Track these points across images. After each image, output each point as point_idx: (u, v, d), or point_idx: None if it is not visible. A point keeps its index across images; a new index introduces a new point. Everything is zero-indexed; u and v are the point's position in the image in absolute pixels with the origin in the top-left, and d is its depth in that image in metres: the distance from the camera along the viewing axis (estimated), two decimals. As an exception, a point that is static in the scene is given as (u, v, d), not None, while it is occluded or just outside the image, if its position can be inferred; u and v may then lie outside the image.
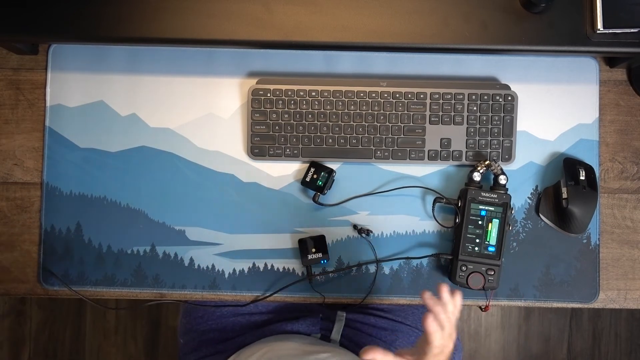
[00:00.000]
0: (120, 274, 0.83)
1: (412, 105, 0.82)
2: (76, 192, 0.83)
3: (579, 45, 0.74)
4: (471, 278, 0.78)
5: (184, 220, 0.83)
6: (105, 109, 0.84)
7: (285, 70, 0.84)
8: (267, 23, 0.74)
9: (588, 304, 0.83)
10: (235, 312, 0.90)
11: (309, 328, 0.89)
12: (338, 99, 0.82)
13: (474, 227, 0.79)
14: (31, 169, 0.84)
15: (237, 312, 0.90)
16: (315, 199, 0.82)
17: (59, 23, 0.74)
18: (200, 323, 0.91)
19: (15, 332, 1.66)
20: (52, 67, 0.84)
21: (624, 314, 1.69)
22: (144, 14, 0.74)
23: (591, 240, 0.83)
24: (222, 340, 0.90)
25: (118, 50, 0.84)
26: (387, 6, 0.74)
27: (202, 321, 0.91)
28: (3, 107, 0.84)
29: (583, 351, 1.69)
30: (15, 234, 0.84)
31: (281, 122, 0.82)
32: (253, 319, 0.91)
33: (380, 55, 0.84)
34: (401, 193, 0.83)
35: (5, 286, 0.84)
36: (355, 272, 0.83)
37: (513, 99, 0.82)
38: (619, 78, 0.85)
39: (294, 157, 0.83)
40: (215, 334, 0.90)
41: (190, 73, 0.84)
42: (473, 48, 0.75)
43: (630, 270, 0.84)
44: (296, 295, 0.83)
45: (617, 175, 0.84)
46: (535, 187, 0.84)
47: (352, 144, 0.82)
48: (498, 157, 0.82)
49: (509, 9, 0.74)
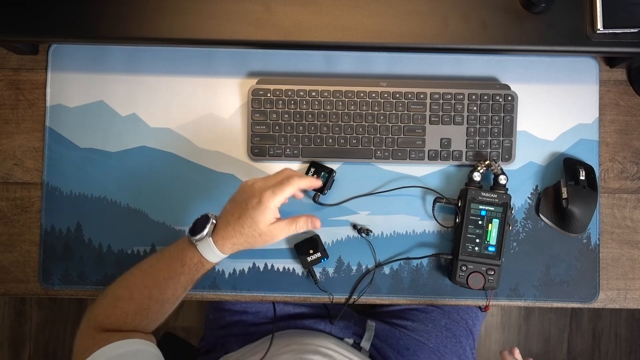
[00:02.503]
0: (120, 274, 0.83)
1: (412, 105, 0.82)
2: (76, 192, 0.83)
3: (579, 45, 0.74)
4: (471, 278, 0.78)
5: (184, 220, 0.83)
6: (105, 109, 0.84)
7: (285, 70, 0.84)
8: (267, 23, 0.74)
9: (588, 304, 0.83)
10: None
11: (342, 332, 0.90)
12: (338, 99, 0.82)
13: (474, 227, 0.79)
14: (31, 169, 0.84)
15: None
16: (315, 199, 0.82)
17: (59, 23, 0.74)
18: (235, 303, 0.91)
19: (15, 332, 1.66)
20: (52, 67, 0.84)
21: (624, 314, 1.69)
22: (144, 14, 0.74)
23: (591, 240, 0.83)
24: (254, 323, 0.90)
25: (118, 50, 0.84)
26: (387, 6, 0.74)
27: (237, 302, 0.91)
28: (3, 107, 0.84)
29: (583, 351, 1.69)
30: (15, 234, 0.84)
31: (281, 122, 0.82)
32: (287, 309, 0.92)
33: (380, 55, 0.84)
34: (401, 193, 0.83)
35: (5, 286, 0.84)
36: (355, 271, 0.83)
37: (513, 99, 0.82)
38: (619, 78, 0.85)
39: (294, 157, 0.83)
40: (249, 316, 0.91)
41: (190, 73, 0.84)
42: (473, 48, 0.75)
43: (630, 270, 0.84)
44: (302, 295, 0.83)
45: (617, 175, 0.84)
46: (535, 187, 0.84)
47: (352, 144, 0.82)
48: (498, 157, 0.82)
49: (509, 9, 0.74)
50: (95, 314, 0.66)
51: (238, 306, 0.91)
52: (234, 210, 0.68)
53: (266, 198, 0.66)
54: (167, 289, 0.67)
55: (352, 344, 0.89)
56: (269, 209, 0.67)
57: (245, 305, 0.91)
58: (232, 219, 0.67)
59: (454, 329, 0.93)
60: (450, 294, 0.83)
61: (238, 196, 0.69)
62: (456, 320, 0.94)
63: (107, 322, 0.66)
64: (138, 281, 0.68)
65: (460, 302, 0.83)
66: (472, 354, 0.96)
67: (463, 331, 0.94)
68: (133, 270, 0.69)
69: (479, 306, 0.83)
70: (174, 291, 0.67)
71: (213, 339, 0.93)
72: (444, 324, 0.93)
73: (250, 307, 0.91)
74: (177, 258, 0.67)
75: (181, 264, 0.67)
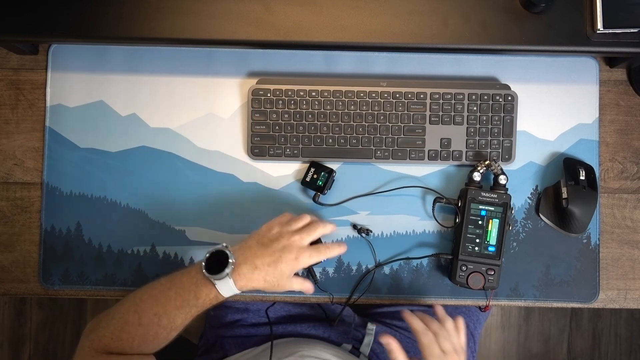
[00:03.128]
0: (120, 274, 0.83)
1: (412, 105, 0.82)
2: (76, 192, 0.83)
3: (579, 45, 0.74)
4: (471, 278, 0.78)
5: (184, 220, 0.83)
6: (105, 109, 0.84)
7: (285, 70, 0.84)
8: (267, 23, 0.74)
9: (588, 304, 0.83)
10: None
11: (341, 337, 0.89)
12: (338, 99, 0.82)
13: (474, 227, 0.79)
14: (31, 169, 0.84)
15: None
16: (316, 199, 0.82)
17: (59, 23, 0.74)
18: (236, 301, 0.90)
19: (15, 332, 1.66)
20: (52, 67, 0.84)
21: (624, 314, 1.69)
22: (144, 14, 0.74)
23: (591, 240, 0.83)
24: (254, 323, 0.89)
25: (118, 50, 0.84)
26: (387, 6, 0.74)
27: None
28: (3, 107, 0.84)
29: (583, 351, 1.69)
30: (15, 234, 0.84)
31: (281, 122, 0.82)
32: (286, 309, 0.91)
33: (380, 55, 0.84)
34: (401, 193, 0.83)
35: (5, 286, 0.84)
36: (355, 271, 0.83)
37: (513, 99, 0.82)
38: (619, 78, 0.85)
39: (294, 157, 0.83)
40: (250, 315, 0.90)
41: (190, 73, 0.84)
42: (473, 48, 0.75)
43: (630, 270, 0.84)
44: (303, 295, 0.83)
45: (617, 175, 0.84)
46: (535, 187, 0.84)
47: (352, 144, 0.82)
48: (498, 157, 0.82)
49: (509, 9, 0.74)
50: (100, 335, 0.66)
51: (240, 304, 0.91)
52: (265, 257, 0.68)
53: (303, 259, 0.69)
54: (177, 318, 0.67)
55: (350, 349, 0.88)
56: (299, 269, 0.70)
57: (247, 303, 0.91)
58: (261, 264, 0.68)
59: None
60: (450, 294, 0.83)
61: (269, 242, 0.69)
62: None
63: (112, 346, 0.65)
64: (148, 307, 0.67)
65: (460, 302, 0.83)
66: (472, 357, 0.96)
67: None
68: (143, 295, 0.68)
69: (479, 306, 0.83)
70: (183, 320, 0.67)
71: (213, 337, 0.93)
72: None
73: (252, 305, 0.91)
74: (190, 290, 0.67)
75: (195, 297, 0.67)
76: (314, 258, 0.70)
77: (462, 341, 0.72)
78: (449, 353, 0.69)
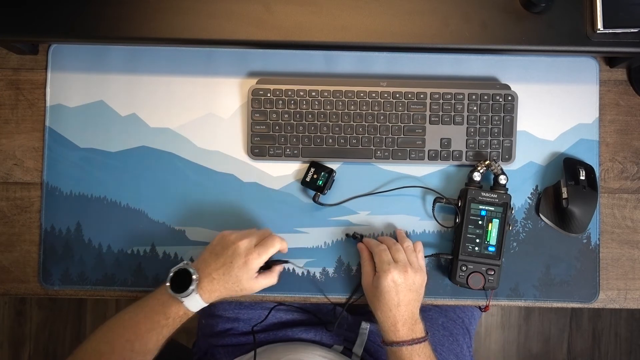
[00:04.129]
0: (120, 274, 0.83)
1: (412, 105, 0.82)
2: (76, 192, 0.83)
3: (579, 45, 0.74)
4: (471, 278, 0.78)
5: (184, 220, 0.83)
6: (105, 109, 0.84)
7: (285, 70, 0.84)
8: (267, 23, 0.74)
9: (588, 304, 0.83)
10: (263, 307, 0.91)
11: (332, 338, 0.88)
12: (338, 99, 0.82)
13: (474, 227, 0.79)
14: (31, 169, 0.84)
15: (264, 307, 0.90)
16: (316, 199, 0.82)
17: (59, 23, 0.74)
18: (227, 309, 0.91)
19: (15, 332, 1.66)
20: (52, 67, 0.84)
21: (624, 314, 1.69)
22: (144, 14, 0.74)
23: (591, 240, 0.83)
24: (245, 332, 0.90)
25: (118, 50, 0.84)
26: (387, 6, 0.74)
27: (230, 307, 0.91)
28: (3, 107, 0.84)
29: (583, 351, 1.69)
30: (15, 234, 0.84)
31: (281, 122, 0.82)
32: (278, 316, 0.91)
33: (380, 55, 0.84)
34: (401, 193, 0.83)
35: (5, 286, 0.84)
36: (355, 272, 0.83)
37: (513, 99, 0.82)
38: (619, 78, 0.85)
39: (294, 157, 0.83)
40: (240, 324, 0.90)
41: (190, 73, 0.84)
42: (473, 48, 0.75)
43: (630, 270, 0.84)
44: (302, 295, 0.83)
45: (617, 175, 0.84)
46: (535, 187, 0.84)
47: (352, 144, 0.82)
48: (498, 157, 0.82)
49: (509, 9, 0.74)
50: None
51: (231, 312, 0.91)
52: (219, 267, 0.71)
53: (252, 260, 0.71)
54: (149, 341, 0.69)
55: (341, 350, 0.88)
56: (253, 270, 0.71)
57: (238, 312, 0.90)
58: (216, 275, 0.70)
59: (451, 328, 0.93)
60: (450, 294, 0.83)
61: (220, 250, 0.72)
62: (453, 319, 0.94)
63: None
64: (118, 335, 0.68)
65: (460, 302, 0.83)
66: (469, 352, 0.96)
67: (460, 329, 0.94)
68: (111, 324, 0.70)
69: (479, 306, 0.83)
70: (156, 343, 0.69)
71: (205, 345, 0.93)
72: (440, 322, 0.93)
73: (243, 313, 0.90)
74: (159, 311, 0.69)
75: (164, 317, 0.69)
76: (263, 256, 0.72)
77: (420, 261, 0.76)
78: (401, 262, 0.73)
